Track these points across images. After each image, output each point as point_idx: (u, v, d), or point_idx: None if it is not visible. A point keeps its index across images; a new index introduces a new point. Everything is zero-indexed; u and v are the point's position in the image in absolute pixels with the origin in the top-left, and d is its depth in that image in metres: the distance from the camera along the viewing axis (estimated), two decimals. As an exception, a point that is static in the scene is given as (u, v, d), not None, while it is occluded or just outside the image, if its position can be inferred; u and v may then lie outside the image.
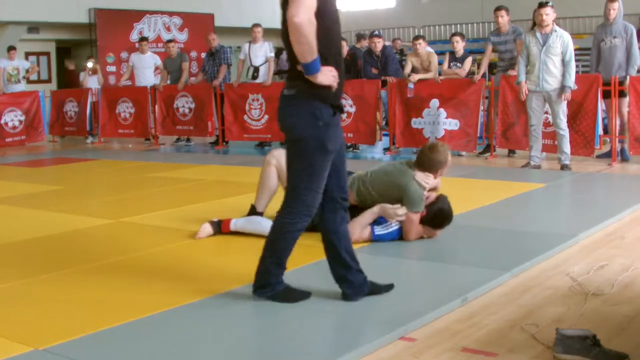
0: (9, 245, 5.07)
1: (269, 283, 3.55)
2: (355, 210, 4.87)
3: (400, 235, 4.73)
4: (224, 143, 11.76)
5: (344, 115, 10.28)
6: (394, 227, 4.70)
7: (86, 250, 4.87)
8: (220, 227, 5.09)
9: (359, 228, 4.63)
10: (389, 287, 3.67)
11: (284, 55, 11.69)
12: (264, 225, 4.83)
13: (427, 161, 4.70)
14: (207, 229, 5.08)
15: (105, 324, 3.31)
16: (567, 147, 7.99)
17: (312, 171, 3.36)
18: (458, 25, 19.54)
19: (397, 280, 3.89)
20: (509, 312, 3.45)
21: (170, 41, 12.85)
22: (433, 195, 4.76)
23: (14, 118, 13.06)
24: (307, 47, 3.13)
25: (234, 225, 5.05)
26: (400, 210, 4.64)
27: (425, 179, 4.67)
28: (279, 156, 5.13)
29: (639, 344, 3.00)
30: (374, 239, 4.70)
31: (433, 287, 3.84)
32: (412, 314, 3.35)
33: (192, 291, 3.79)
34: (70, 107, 13.54)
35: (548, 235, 4.87)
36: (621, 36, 8.41)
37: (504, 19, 9.06)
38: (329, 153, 3.36)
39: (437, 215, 4.70)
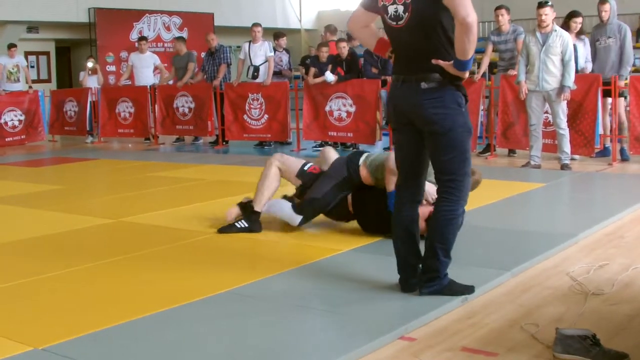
0: (9, 245, 5.07)
1: (438, 275, 3.58)
2: (362, 197, 4.89)
3: None
4: (224, 143, 11.76)
5: (344, 115, 10.30)
6: None
7: (86, 250, 4.87)
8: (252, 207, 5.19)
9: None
10: (467, 290, 3.66)
11: (284, 55, 11.71)
12: (284, 209, 5.01)
13: None
14: (235, 211, 5.23)
15: (105, 324, 3.31)
16: (567, 147, 8.00)
17: (465, 157, 3.52)
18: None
19: (397, 279, 3.89)
20: (508, 311, 3.45)
21: (179, 38, 12.87)
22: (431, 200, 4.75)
23: (13, 118, 13.05)
24: (473, 45, 3.32)
25: (263, 209, 5.15)
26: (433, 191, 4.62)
27: (433, 195, 4.67)
28: (282, 158, 5.23)
29: (639, 344, 3.00)
30: (391, 194, 4.61)
31: (433, 287, 3.83)
32: (412, 313, 3.35)
33: (192, 291, 3.79)
34: (70, 107, 13.53)
35: (548, 235, 4.86)
36: (615, 36, 8.44)
37: (504, 18, 9.06)
38: (471, 137, 3.56)
39: None
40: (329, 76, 10.22)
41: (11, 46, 13.28)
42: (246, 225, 5.15)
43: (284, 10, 22.74)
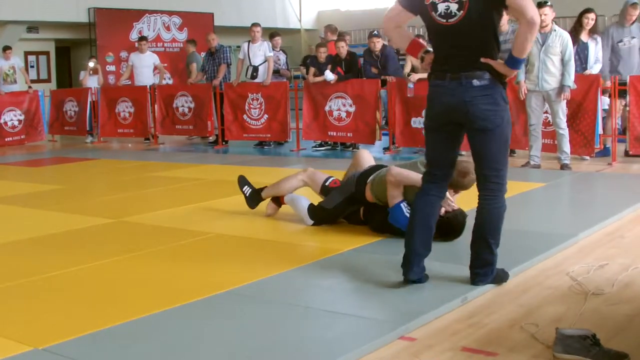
0: (9, 245, 5.07)
1: (491, 268, 3.77)
2: (371, 208, 4.93)
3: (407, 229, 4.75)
4: (224, 142, 11.76)
5: (344, 115, 10.30)
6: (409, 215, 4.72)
7: (86, 250, 4.87)
8: (280, 201, 5.57)
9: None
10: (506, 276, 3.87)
11: (281, 55, 11.70)
12: (302, 207, 5.30)
13: (455, 182, 4.68)
14: (272, 206, 5.58)
15: (105, 324, 3.31)
16: (567, 147, 8.00)
17: (507, 151, 3.72)
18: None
19: (397, 280, 3.89)
20: (508, 311, 3.45)
21: (189, 41, 12.84)
22: (452, 206, 4.76)
23: (13, 117, 13.05)
24: (531, 44, 3.54)
25: (286, 199, 5.50)
26: (454, 202, 4.73)
27: (451, 204, 4.72)
28: (313, 175, 5.46)
29: (639, 344, 3.00)
30: (392, 210, 4.70)
31: (433, 287, 3.83)
32: (412, 313, 3.35)
33: (192, 291, 3.79)
34: (70, 107, 13.53)
35: (548, 235, 4.86)
36: (638, 37, 8.61)
37: (503, 18, 9.05)
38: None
39: (444, 225, 4.74)
40: (329, 75, 10.22)
41: (6, 48, 13.27)
42: (247, 194, 5.63)
43: (284, 10, 22.74)
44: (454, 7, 3.49)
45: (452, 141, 3.76)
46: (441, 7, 3.53)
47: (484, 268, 3.76)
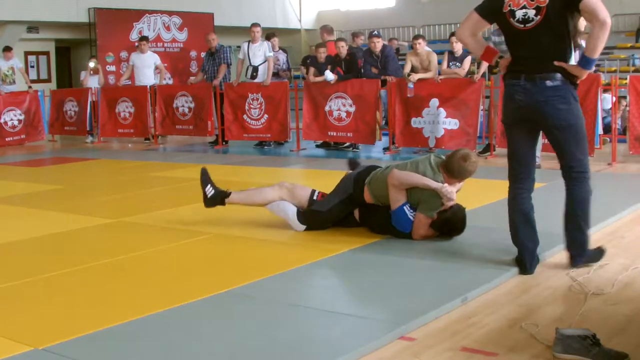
0: (9, 245, 5.07)
1: (585, 249, 4.10)
2: (368, 209, 4.89)
3: (409, 231, 4.76)
4: (224, 142, 11.76)
5: (344, 115, 10.29)
6: (412, 218, 4.73)
7: (86, 250, 4.87)
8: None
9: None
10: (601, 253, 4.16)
11: (280, 55, 11.70)
12: (289, 213, 5.08)
13: (458, 169, 4.71)
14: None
15: (105, 324, 3.31)
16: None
17: (585, 141, 4.01)
18: (458, 25, 19.45)
19: (397, 280, 3.89)
20: (508, 311, 3.45)
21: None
22: (450, 202, 4.77)
23: (13, 117, 13.06)
24: (603, 45, 3.72)
25: (268, 206, 5.22)
26: (453, 195, 4.71)
27: (452, 195, 4.69)
28: (291, 192, 5.21)
29: (639, 344, 3.00)
30: (395, 212, 4.72)
31: (433, 287, 3.84)
32: (412, 313, 3.35)
33: (192, 291, 3.79)
34: (70, 107, 13.54)
35: (548, 235, 4.85)
36: None
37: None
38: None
39: (446, 224, 4.75)
40: (329, 75, 10.22)
41: (7, 49, 13.27)
42: (209, 195, 5.33)
43: (284, 10, 22.75)
44: (531, 12, 3.79)
45: (529, 138, 4.04)
46: (519, 13, 3.83)
47: (579, 249, 4.07)
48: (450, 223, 4.74)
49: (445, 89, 9.45)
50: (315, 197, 5.17)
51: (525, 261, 4.03)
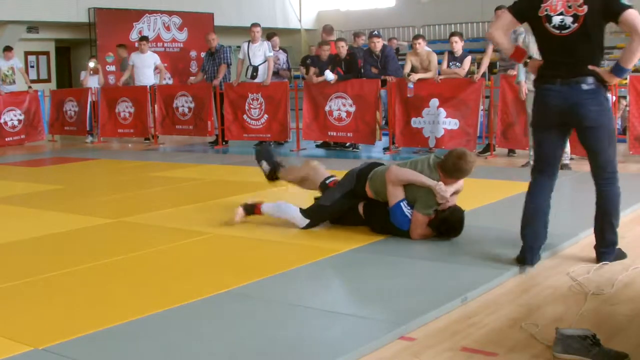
0: (9, 245, 5.07)
1: (614, 247, 4.26)
2: (372, 204, 4.94)
3: (407, 229, 4.77)
4: (224, 142, 11.76)
5: (344, 115, 10.30)
6: (409, 215, 4.75)
7: (86, 250, 4.87)
8: (254, 210, 5.38)
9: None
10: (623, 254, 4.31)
11: (281, 54, 11.69)
12: (291, 212, 5.18)
13: (453, 167, 4.72)
14: (241, 212, 5.40)
15: (105, 324, 3.31)
16: (567, 147, 7.98)
17: (615, 142, 4.20)
18: (458, 25, 19.54)
19: (397, 280, 3.89)
20: (508, 311, 3.45)
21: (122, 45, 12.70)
22: (449, 203, 4.77)
23: (13, 117, 13.05)
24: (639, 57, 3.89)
25: (264, 209, 5.33)
26: (447, 193, 4.71)
27: (445, 193, 4.69)
28: (316, 167, 5.48)
29: (638, 344, 3.00)
30: (392, 209, 4.75)
31: (433, 287, 3.84)
32: (412, 313, 3.35)
33: (192, 291, 3.79)
34: (70, 107, 13.53)
35: (548, 235, 4.86)
36: None
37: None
38: None
39: (443, 224, 4.76)
40: (329, 75, 10.22)
41: (7, 49, 13.27)
42: (266, 172, 5.74)
43: (284, 10, 22.75)
44: (568, 20, 3.89)
45: (560, 140, 4.19)
46: (556, 19, 3.92)
47: (609, 247, 4.21)
48: (447, 223, 4.74)
49: (445, 89, 9.45)
50: (327, 182, 5.31)
51: (527, 258, 4.13)
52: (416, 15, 21.75)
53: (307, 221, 5.16)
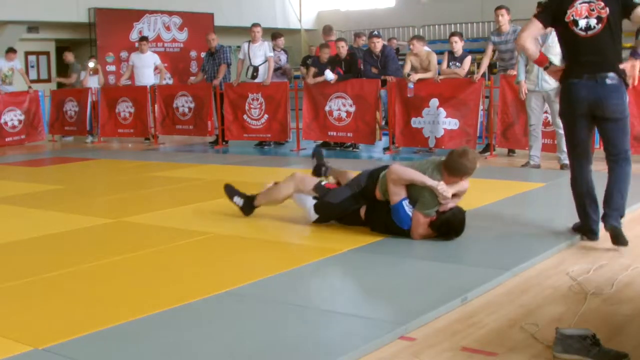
0: (9, 245, 5.07)
1: (620, 213, 4.60)
2: (374, 206, 4.96)
3: (408, 228, 4.77)
4: (224, 142, 11.76)
5: (344, 115, 10.30)
6: (410, 214, 4.76)
7: (86, 250, 4.87)
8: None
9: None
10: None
11: (282, 54, 11.69)
12: (307, 204, 5.27)
13: (456, 165, 4.72)
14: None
15: (105, 324, 3.31)
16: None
17: (629, 133, 4.64)
18: (458, 25, 19.53)
19: (397, 280, 3.89)
20: (508, 311, 3.45)
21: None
22: (451, 204, 4.77)
23: (13, 117, 13.05)
24: None
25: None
26: (448, 193, 4.70)
27: (447, 193, 4.68)
28: (301, 183, 5.39)
29: (639, 344, 3.00)
30: (394, 207, 4.76)
31: (433, 287, 3.84)
32: (412, 313, 3.35)
33: (192, 291, 3.79)
34: (70, 107, 13.53)
35: (548, 235, 4.87)
36: None
37: (504, 18, 9.05)
38: None
39: (444, 225, 4.75)
40: (329, 75, 10.22)
41: (10, 50, 13.26)
42: (241, 205, 5.61)
43: (284, 10, 22.74)
44: (592, 21, 4.38)
45: (588, 128, 4.59)
46: (582, 22, 4.41)
47: (614, 211, 4.53)
48: (448, 224, 4.74)
49: (445, 89, 9.45)
50: (323, 184, 5.32)
51: (594, 229, 4.62)
52: (416, 15, 21.74)
53: (316, 216, 5.21)
